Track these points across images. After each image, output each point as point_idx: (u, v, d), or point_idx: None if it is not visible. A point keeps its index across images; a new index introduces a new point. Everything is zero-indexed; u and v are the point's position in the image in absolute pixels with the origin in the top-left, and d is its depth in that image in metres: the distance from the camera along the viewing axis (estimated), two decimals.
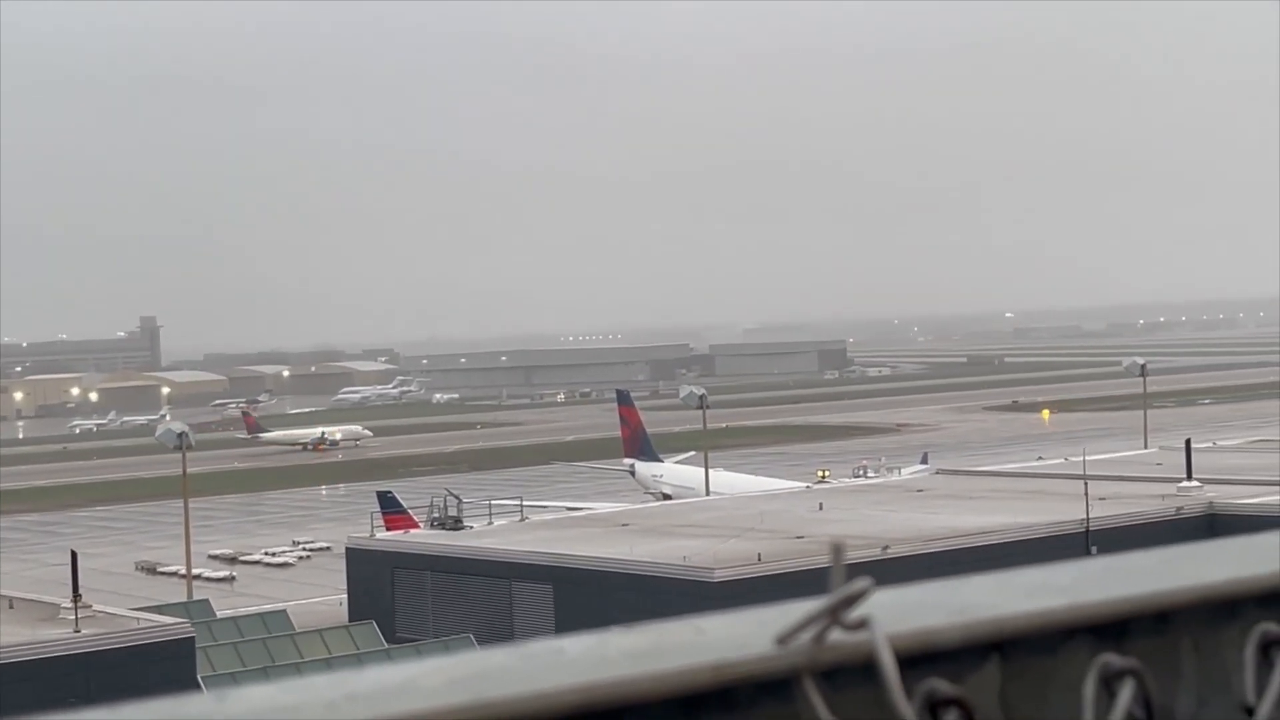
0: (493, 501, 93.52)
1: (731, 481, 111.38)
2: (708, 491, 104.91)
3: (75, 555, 66.20)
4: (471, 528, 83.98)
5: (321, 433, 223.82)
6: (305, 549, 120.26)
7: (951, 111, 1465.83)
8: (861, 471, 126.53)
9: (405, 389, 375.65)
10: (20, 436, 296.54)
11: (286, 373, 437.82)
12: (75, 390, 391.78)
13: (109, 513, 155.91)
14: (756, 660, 2.58)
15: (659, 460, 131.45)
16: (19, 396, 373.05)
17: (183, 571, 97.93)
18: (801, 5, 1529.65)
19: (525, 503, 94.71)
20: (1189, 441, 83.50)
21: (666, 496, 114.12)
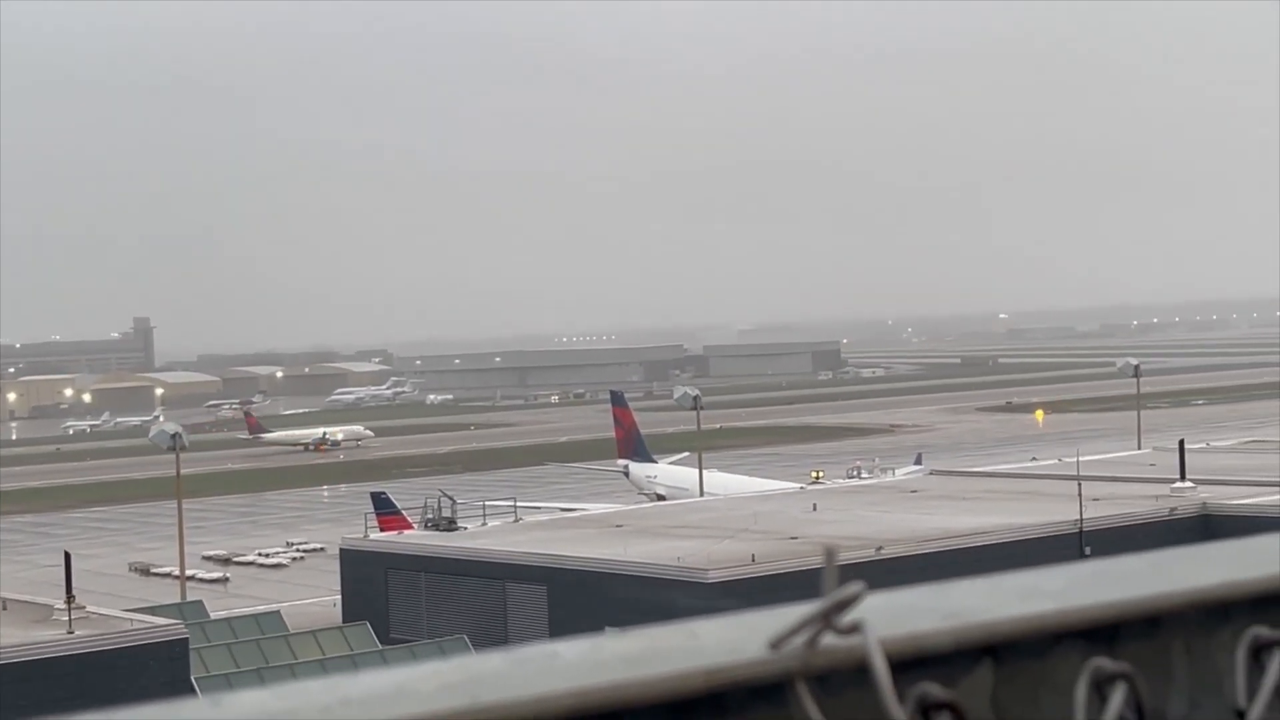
0: (487, 502, 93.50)
1: (725, 482, 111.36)
2: (702, 492, 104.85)
3: (69, 556, 66.00)
4: (465, 529, 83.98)
5: (323, 433, 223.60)
6: (299, 550, 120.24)
7: (946, 113, 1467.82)
8: (855, 472, 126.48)
9: (399, 390, 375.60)
10: (14, 437, 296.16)
11: (280, 374, 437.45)
12: (69, 391, 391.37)
13: (102, 514, 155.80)
14: (749, 664, 2.59)
15: (653, 461, 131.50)
16: (12, 397, 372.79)
17: (176, 573, 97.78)
18: (800, 5, 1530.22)
19: (519, 504, 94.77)
20: (1183, 442, 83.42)
21: (660, 497, 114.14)
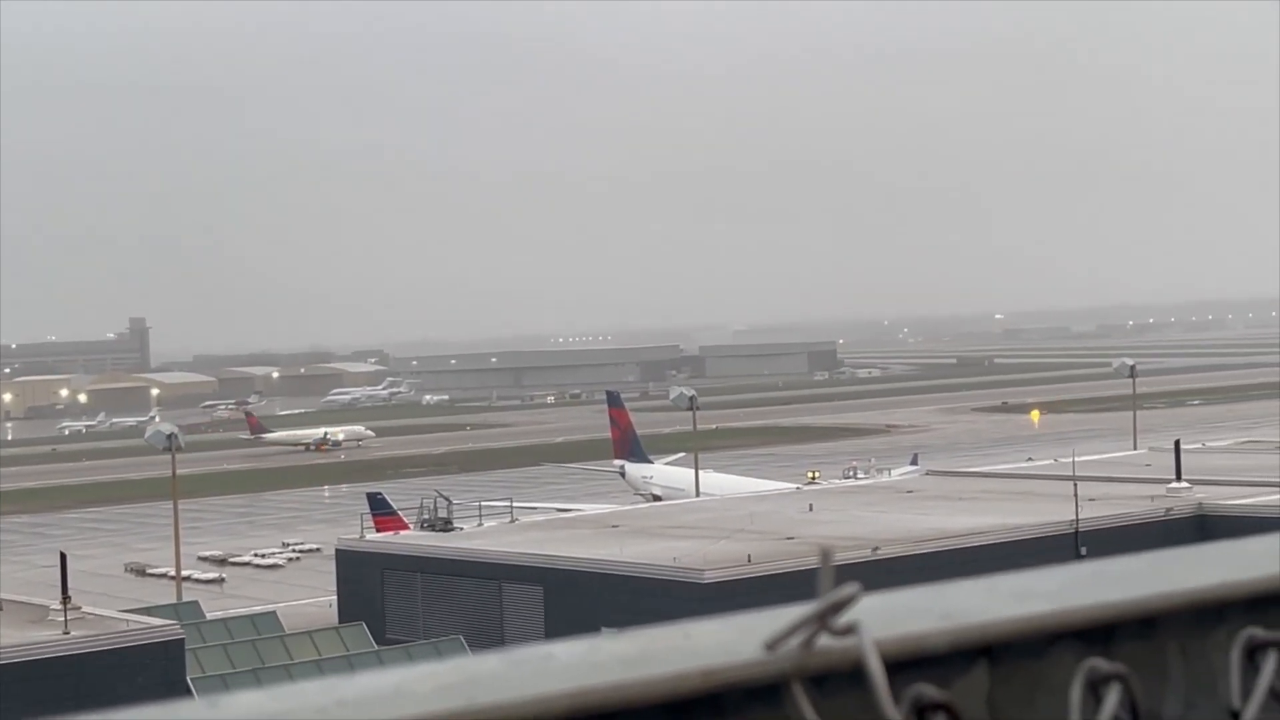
0: (483, 503, 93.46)
1: (721, 483, 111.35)
2: (698, 493, 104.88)
3: (64, 557, 65.91)
4: (461, 529, 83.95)
5: (324, 433, 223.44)
6: (295, 550, 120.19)
7: (944, 113, 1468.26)
8: (851, 472, 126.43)
9: (395, 390, 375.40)
10: (9, 438, 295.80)
11: (276, 374, 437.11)
12: (64, 392, 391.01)
13: (98, 514, 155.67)
14: (745, 665, 2.59)
15: (649, 461, 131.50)
16: (8, 398, 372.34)
17: (172, 573, 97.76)
18: (800, 5, 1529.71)
19: (515, 504, 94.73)
20: (1178, 442, 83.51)
21: (656, 498, 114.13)
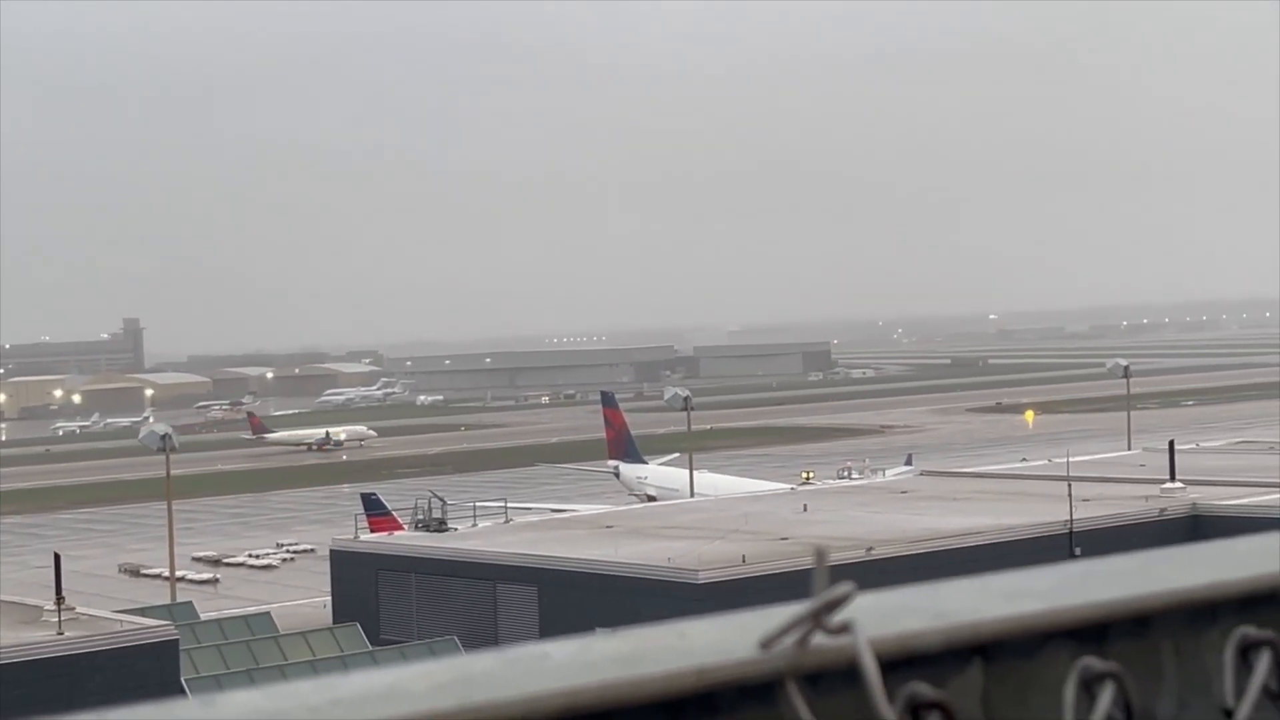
0: (477, 503, 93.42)
1: (716, 483, 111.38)
2: (692, 493, 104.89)
3: (58, 557, 65.95)
4: (456, 529, 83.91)
5: (326, 433, 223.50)
6: (289, 551, 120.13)
7: (938, 114, 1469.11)
8: (846, 473, 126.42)
9: (389, 391, 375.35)
10: (3, 439, 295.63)
11: (270, 374, 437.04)
12: (58, 392, 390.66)
13: (92, 515, 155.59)
14: (740, 664, 2.59)
15: (643, 462, 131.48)
16: (2, 398, 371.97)
17: (166, 574, 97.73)
18: (800, 6, 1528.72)
19: (509, 504, 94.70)
20: (1172, 443, 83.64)
21: (651, 498, 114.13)
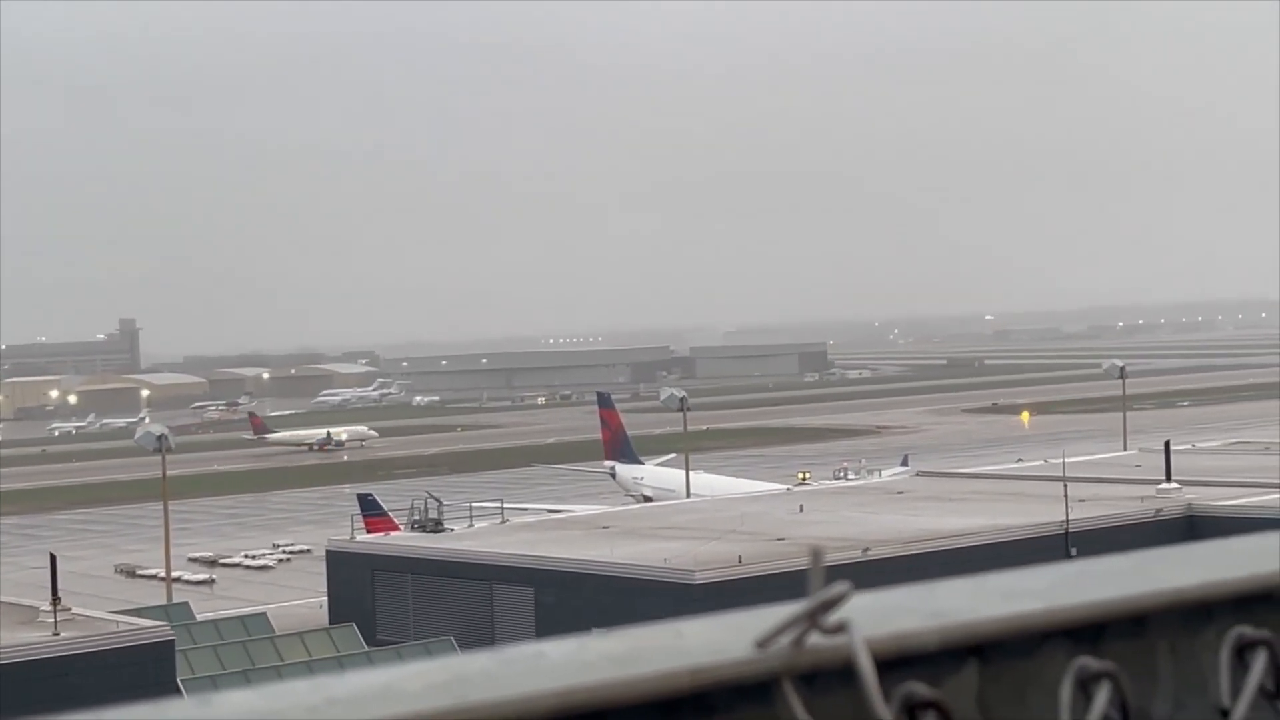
0: (473, 504, 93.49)
1: (712, 484, 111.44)
2: (688, 494, 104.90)
3: (54, 558, 65.84)
4: (452, 530, 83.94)
5: (327, 433, 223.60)
6: (285, 552, 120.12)
7: (935, 114, 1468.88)
8: (842, 473, 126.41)
9: (385, 391, 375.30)
10: None
11: (266, 375, 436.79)
12: (54, 393, 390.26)
13: (88, 515, 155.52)
14: (736, 664, 2.59)
15: (640, 463, 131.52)
16: None
17: (162, 574, 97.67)
18: (800, 6, 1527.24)
19: (506, 505, 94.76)
20: (1168, 443, 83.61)
21: (647, 499, 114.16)
